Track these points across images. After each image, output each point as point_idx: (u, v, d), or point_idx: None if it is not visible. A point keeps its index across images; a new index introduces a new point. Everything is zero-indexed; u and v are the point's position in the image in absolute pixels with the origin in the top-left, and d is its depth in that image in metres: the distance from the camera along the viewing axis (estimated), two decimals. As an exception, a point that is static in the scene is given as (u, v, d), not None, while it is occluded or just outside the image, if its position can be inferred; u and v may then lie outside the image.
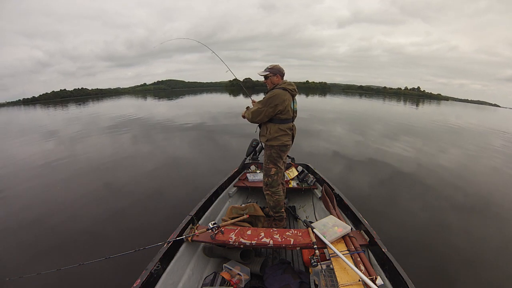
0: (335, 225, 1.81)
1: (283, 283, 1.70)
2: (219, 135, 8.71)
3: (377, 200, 3.95)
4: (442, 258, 2.65)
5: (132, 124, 12.04)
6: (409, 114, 21.71)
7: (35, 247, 2.85)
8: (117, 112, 18.73)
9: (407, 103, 41.29)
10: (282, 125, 2.09)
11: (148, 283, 1.45)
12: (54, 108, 33.45)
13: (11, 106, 78.42)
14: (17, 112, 34.99)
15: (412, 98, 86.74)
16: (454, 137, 10.69)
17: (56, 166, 5.91)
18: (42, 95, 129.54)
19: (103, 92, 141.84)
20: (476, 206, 3.95)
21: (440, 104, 53.39)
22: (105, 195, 4.21)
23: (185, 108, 21.73)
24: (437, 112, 28.05)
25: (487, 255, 2.77)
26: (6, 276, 2.06)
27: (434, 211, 3.69)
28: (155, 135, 9.33)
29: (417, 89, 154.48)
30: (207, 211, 2.32)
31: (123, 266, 2.10)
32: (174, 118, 13.38)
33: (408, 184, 4.72)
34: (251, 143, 3.33)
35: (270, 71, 2.13)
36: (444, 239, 3.01)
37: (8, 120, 22.92)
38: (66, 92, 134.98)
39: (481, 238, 3.09)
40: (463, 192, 4.43)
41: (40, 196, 4.32)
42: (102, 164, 5.90)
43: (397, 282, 1.44)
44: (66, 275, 1.95)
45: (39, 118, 21.28)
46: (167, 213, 3.37)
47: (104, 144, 8.19)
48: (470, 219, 3.57)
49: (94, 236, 3.03)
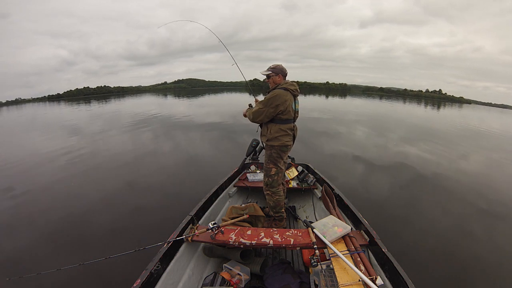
0: (335, 225, 1.81)
1: (283, 283, 1.70)
2: (238, 134, 8.66)
3: (398, 204, 3.90)
4: (461, 266, 2.59)
5: (151, 122, 12.22)
6: (429, 117, 21.16)
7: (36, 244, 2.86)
8: (138, 110, 19.00)
9: (428, 106, 40.14)
10: (283, 125, 2.09)
11: (148, 283, 1.45)
12: (78, 104, 34.03)
13: (36, 102, 79.83)
14: (42, 108, 35.61)
15: (433, 100, 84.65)
16: (476, 141, 10.27)
17: (71, 161, 6.17)
18: (66, 92, 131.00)
19: (124, 90, 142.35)
20: (499, 213, 3.79)
21: (462, 107, 52.33)
22: (124, 191, 4.31)
23: (205, 106, 21.73)
24: (458, 115, 27.27)
25: (509, 265, 2.67)
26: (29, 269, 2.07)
27: (455, 217, 3.60)
28: (174, 133, 9.47)
29: (438, 91, 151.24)
30: (207, 211, 2.32)
31: (123, 266, 2.10)
32: (194, 117, 13.53)
33: (429, 189, 4.60)
34: (251, 143, 3.33)
35: (272, 71, 2.13)
36: (464, 246, 2.93)
37: (33, 115, 23.55)
38: (89, 89, 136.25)
39: (503, 247, 2.97)
40: (486, 199, 4.24)
41: (50, 191, 4.46)
42: (119, 160, 6.10)
43: (397, 282, 1.44)
44: (66, 275, 1.94)
45: (63, 114, 21.73)
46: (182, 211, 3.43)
47: (123, 141, 8.40)
48: (493, 226, 3.42)
49: (113, 232, 3.08)
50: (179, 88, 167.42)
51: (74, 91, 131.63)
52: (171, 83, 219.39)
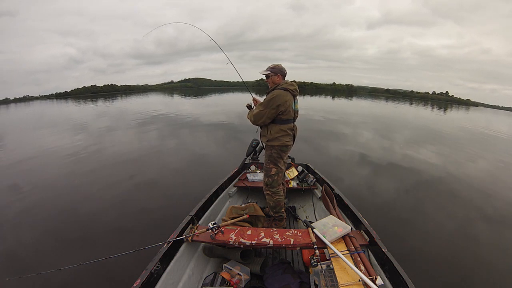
0: (335, 225, 1.81)
1: (283, 283, 1.70)
2: (244, 134, 8.54)
3: (404, 207, 3.88)
4: (466, 271, 2.57)
5: (157, 121, 12.30)
6: (436, 119, 20.87)
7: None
8: (144, 108, 19.10)
9: (435, 108, 39.71)
10: (283, 125, 2.08)
11: (148, 283, 1.45)
12: (85, 102, 34.26)
13: (44, 100, 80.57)
14: (49, 105, 36.00)
15: (440, 103, 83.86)
16: (483, 145, 10.24)
17: (76, 159, 6.28)
18: (74, 90, 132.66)
19: (131, 89, 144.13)
20: (506, 219, 3.74)
21: (469, 110, 51.61)
22: (126, 190, 4.34)
23: (212, 106, 21.76)
24: (465, 118, 27.01)
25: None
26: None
27: (461, 221, 3.56)
28: (179, 132, 9.54)
29: (445, 93, 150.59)
30: (207, 211, 2.32)
31: (123, 266, 2.10)
32: (200, 116, 13.57)
33: (435, 193, 4.54)
34: (251, 143, 3.33)
35: (271, 71, 2.12)
36: (469, 250, 2.91)
37: (41, 112, 23.92)
38: (97, 87, 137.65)
39: (511, 253, 2.92)
40: (492, 204, 4.19)
41: (53, 188, 4.51)
42: (123, 158, 6.17)
43: (397, 282, 1.44)
44: (67, 274, 1.95)
45: (70, 112, 21.94)
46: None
47: (129, 139, 8.51)
48: (500, 232, 3.37)
49: (114, 232, 3.09)
50: (185, 87, 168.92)
51: (81, 89, 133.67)
52: (177, 82, 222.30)
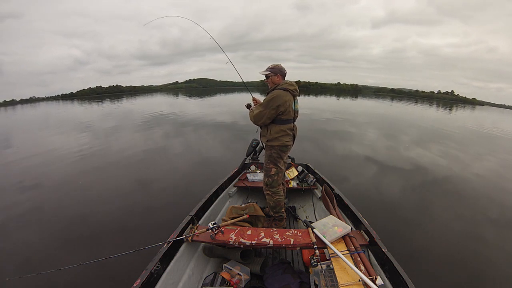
0: (335, 225, 1.81)
1: (283, 283, 1.70)
2: (249, 134, 8.69)
3: (406, 207, 3.86)
4: (471, 272, 2.54)
5: (162, 121, 12.34)
6: (441, 119, 20.56)
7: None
8: (149, 109, 19.15)
9: (440, 108, 38.91)
10: (283, 125, 2.08)
11: (148, 283, 1.45)
12: (90, 103, 34.46)
13: (50, 101, 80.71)
14: (56, 106, 36.08)
15: (445, 102, 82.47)
16: (489, 145, 10.05)
17: (81, 158, 6.35)
18: (79, 91, 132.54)
19: (136, 89, 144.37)
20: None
21: (474, 109, 50.90)
22: (130, 190, 4.37)
23: (216, 106, 21.75)
24: (471, 117, 26.67)
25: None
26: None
27: (463, 222, 3.53)
28: (184, 132, 9.55)
29: (451, 93, 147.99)
30: (207, 211, 2.32)
31: (123, 266, 2.10)
32: (204, 116, 13.63)
33: (438, 193, 4.51)
34: (251, 143, 3.33)
35: (271, 71, 2.12)
36: (475, 252, 2.88)
37: (47, 113, 24.04)
38: (102, 88, 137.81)
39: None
40: (498, 205, 4.13)
41: (58, 188, 4.54)
42: (128, 158, 6.24)
43: (397, 282, 1.44)
44: (67, 274, 1.94)
45: (76, 113, 22.05)
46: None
47: (134, 139, 8.52)
48: (506, 234, 3.32)
49: (115, 231, 3.10)
50: (190, 87, 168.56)
51: (87, 90, 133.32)
52: (182, 83, 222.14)
